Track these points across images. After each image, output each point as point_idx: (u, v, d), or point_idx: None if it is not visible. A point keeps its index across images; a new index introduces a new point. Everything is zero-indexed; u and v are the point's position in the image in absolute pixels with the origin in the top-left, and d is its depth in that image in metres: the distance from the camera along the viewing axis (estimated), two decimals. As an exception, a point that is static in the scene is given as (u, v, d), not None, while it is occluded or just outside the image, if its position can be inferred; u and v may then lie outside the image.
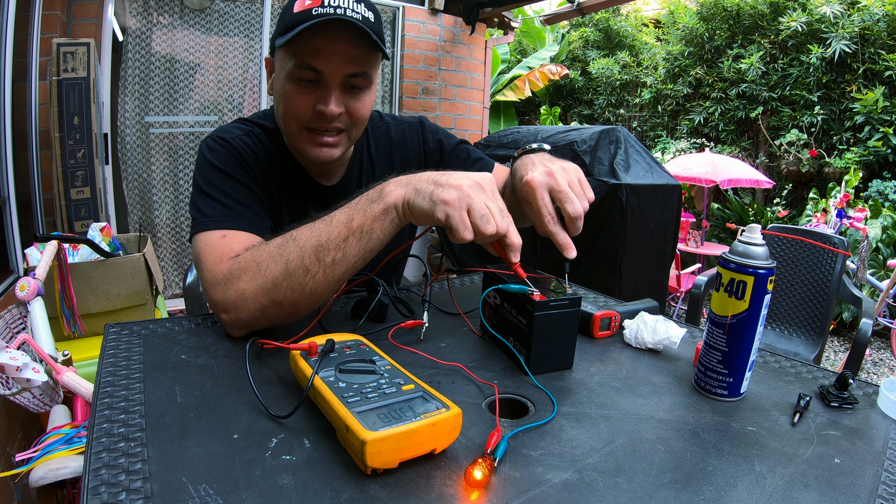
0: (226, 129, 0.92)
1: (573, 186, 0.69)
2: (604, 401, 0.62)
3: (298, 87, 0.82)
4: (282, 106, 0.85)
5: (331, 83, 0.82)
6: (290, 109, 0.84)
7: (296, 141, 0.88)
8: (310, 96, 0.82)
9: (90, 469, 0.45)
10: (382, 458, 0.44)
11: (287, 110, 0.85)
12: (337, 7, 0.77)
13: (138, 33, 3.09)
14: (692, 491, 0.46)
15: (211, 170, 0.85)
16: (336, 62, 0.80)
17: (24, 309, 1.34)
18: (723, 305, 0.62)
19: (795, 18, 5.30)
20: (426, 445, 0.47)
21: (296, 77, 0.81)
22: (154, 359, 0.66)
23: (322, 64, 0.79)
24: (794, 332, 2.30)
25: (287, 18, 0.79)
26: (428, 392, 0.51)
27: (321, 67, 0.80)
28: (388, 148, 1.07)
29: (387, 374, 0.54)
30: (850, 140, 5.12)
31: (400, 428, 0.45)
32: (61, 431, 1.00)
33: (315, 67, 0.80)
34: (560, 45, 7.79)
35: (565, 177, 0.69)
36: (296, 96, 0.82)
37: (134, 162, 3.21)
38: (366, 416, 0.46)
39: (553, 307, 0.66)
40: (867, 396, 0.67)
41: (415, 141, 1.09)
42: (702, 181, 4.52)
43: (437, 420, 0.47)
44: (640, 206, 2.32)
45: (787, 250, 2.33)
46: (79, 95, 2.44)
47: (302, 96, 0.82)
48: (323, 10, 0.76)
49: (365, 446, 0.43)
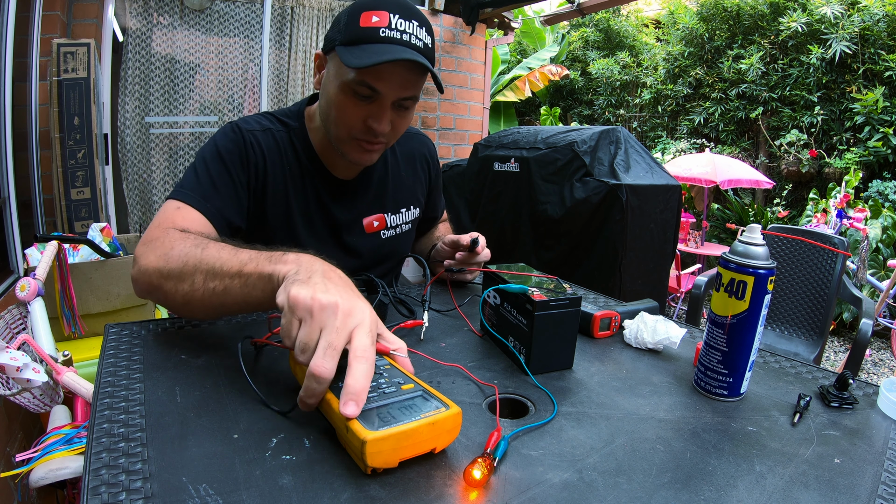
0: (246, 120, 0.94)
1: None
2: (604, 401, 0.62)
3: (353, 100, 0.84)
4: (333, 112, 0.87)
5: (385, 103, 0.84)
6: (342, 118, 0.86)
7: (342, 145, 0.90)
8: (362, 110, 0.85)
9: (90, 469, 0.45)
10: (382, 458, 0.44)
11: (339, 119, 0.86)
12: (403, 32, 0.80)
13: (138, 34, 3.09)
14: (692, 491, 0.46)
15: (211, 148, 0.89)
16: (393, 86, 0.82)
17: (25, 309, 1.34)
18: (723, 305, 0.62)
19: (795, 19, 5.30)
20: (426, 445, 0.47)
21: (352, 90, 0.82)
22: (154, 359, 0.66)
23: (381, 86, 0.82)
24: (794, 332, 2.30)
25: (352, 29, 0.80)
26: (427, 391, 0.51)
27: (380, 89, 0.82)
28: (409, 150, 1.13)
29: (386, 374, 0.54)
30: (850, 140, 5.12)
31: (400, 427, 0.45)
32: (61, 432, 1.00)
33: (374, 87, 0.82)
34: (560, 45, 7.79)
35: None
36: (349, 108, 0.85)
37: (134, 162, 3.20)
38: (365, 416, 0.46)
39: (553, 307, 0.66)
40: (867, 397, 0.67)
41: (432, 153, 1.18)
42: (702, 181, 4.53)
43: (437, 419, 0.47)
44: (640, 207, 2.32)
45: (787, 250, 2.33)
46: (79, 96, 2.44)
47: (355, 109, 0.84)
48: (391, 32, 0.79)
49: (365, 446, 0.43)
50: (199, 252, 0.68)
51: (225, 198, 0.86)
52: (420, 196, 1.15)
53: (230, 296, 0.64)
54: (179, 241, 0.71)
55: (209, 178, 0.85)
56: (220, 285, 0.64)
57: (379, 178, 1.05)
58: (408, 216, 1.11)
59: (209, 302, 0.66)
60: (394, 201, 1.08)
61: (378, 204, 1.05)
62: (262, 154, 0.91)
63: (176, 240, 0.71)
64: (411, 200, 1.12)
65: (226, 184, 0.87)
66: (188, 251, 0.68)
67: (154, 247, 0.72)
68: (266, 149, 0.92)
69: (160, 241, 0.73)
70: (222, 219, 0.85)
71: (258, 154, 0.90)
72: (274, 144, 0.93)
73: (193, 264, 0.67)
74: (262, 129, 0.93)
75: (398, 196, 1.09)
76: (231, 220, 0.87)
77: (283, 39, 3.51)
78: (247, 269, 0.62)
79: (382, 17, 0.79)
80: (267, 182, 0.92)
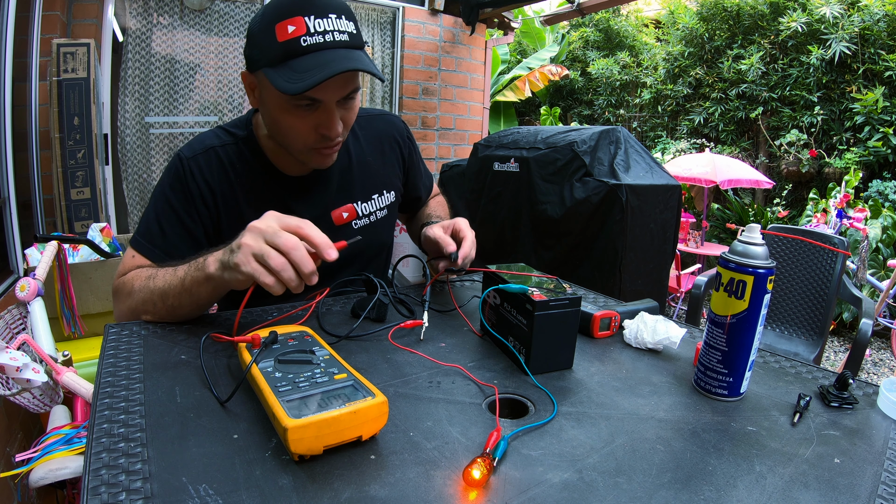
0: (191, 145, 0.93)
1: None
2: (604, 401, 0.62)
3: (297, 113, 0.82)
4: (280, 130, 0.86)
5: (329, 107, 0.82)
6: (291, 134, 0.85)
7: (301, 156, 0.89)
8: (308, 120, 0.83)
9: (90, 469, 0.45)
10: (306, 445, 0.46)
11: (288, 135, 0.85)
12: (325, 32, 0.76)
13: (138, 34, 3.09)
14: (692, 491, 0.46)
15: (160, 190, 0.92)
16: (334, 90, 0.80)
17: (24, 309, 1.34)
18: (723, 305, 0.62)
19: (795, 19, 5.30)
20: (351, 432, 0.48)
21: (293, 105, 0.81)
22: (154, 359, 0.66)
23: (322, 95, 0.80)
24: (794, 332, 2.30)
25: (271, 47, 0.77)
26: (359, 381, 0.53)
27: (319, 97, 0.80)
28: (375, 133, 1.09)
29: (323, 364, 0.56)
30: (850, 140, 5.12)
31: (322, 415, 0.47)
32: (61, 432, 1.00)
33: (314, 98, 0.80)
34: (560, 45, 7.79)
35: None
36: (296, 122, 0.83)
37: (134, 162, 3.20)
38: (293, 405, 0.49)
39: (553, 307, 0.66)
40: (867, 396, 0.67)
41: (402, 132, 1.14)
42: (702, 181, 4.53)
43: (360, 408, 0.48)
44: (640, 207, 2.32)
45: (787, 250, 2.33)
46: (79, 96, 2.44)
47: (301, 121, 0.83)
48: (312, 38, 0.76)
49: (287, 433, 0.45)
50: (150, 284, 0.81)
51: (171, 237, 0.89)
52: (394, 179, 1.11)
53: (185, 305, 0.78)
54: (137, 281, 0.84)
55: (157, 223, 0.90)
56: (176, 301, 0.78)
57: (341, 168, 1.02)
58: (381, 202, 1.07)
59: (175, 313, 0.80)
60: (362, 189, 1.04)
61: (345, 194, 1.02)
62: (203, 180, 0.90)
63: (135, 281, 0.84)
64: (383, 185, 1.08)
65: (172, 224, 0.89)
66: (143, 286, 0.82)
67: (116, 294, 0.88)
68: (207, 172, 0.91)
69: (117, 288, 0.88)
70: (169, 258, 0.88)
71: (200, 182, 0.90)
72: (217, 163, 0.92)
73: (148, 295, 0.80)
74: (203, 150, 0.92)
75: (367, 183, 1.05)
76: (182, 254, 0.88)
77: (283, 39, 3.51)
78: (186, 283, 0.76)
79: (298, 24, 0.75)
80: (217, 202, 0.92)
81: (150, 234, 0.89)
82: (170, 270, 0.80)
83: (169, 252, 0.88)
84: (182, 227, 0.90)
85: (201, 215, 0.91)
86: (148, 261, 0.88)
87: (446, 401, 0.60)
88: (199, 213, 0.91)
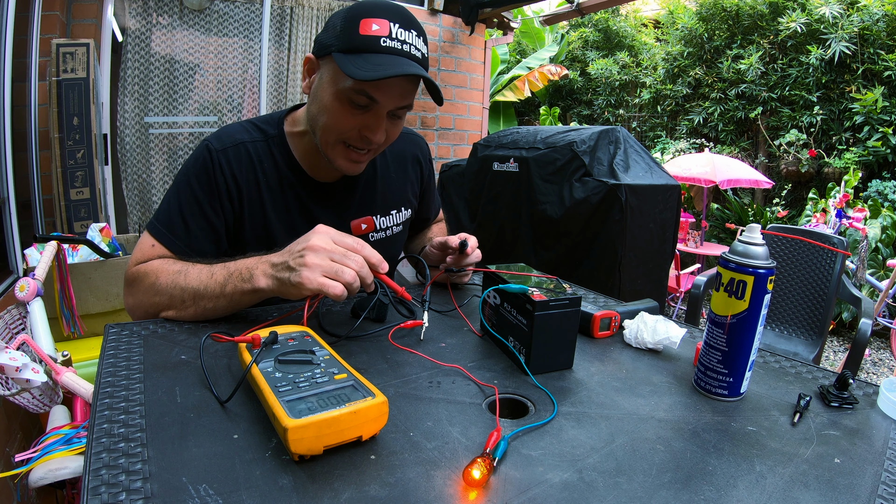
0: (219, 137, 0.92)
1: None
2: (604, 401, 0.62)
3: (348, 108, 0.83)
4: (324, 118, 0.85)
5: (381, 113, 0.84)
6: (334, 125, 0.85)
7: (329, 150, 0.89)
8: (357, 118, 0.84)
9: (90, 469, 0.44)
10: (306, 445, 0.46)
11: (330, 124, 0.85)
12: (404, 42, 0.79)
13: (138, 34, 3.08)
14: (692, 491, 0.46)
15: (184, 178, 0.90)
16: (392, 97, 0.82)
17: (24, 309, 1.34)
18: (723, 305, 0.62)
19: (795, 19, 5.31)
20: (351, 432, 0.48)
21: (348, 98, 0.81)
22: (154, 359, 0.66)
23: (380, 96, 0.81)
24: (793, 332, 2.30)
25: (351, 36, 0.79)
26: (359, 381, 0.53)
27: (378, 99, 0.81)
28: (400, 150, 1.10)
29: (323, 365, 0.56)
30: (850, 140, 5.12)
31: (322, 415, 0.47)
32: (61, 432, 1.00)
33: (373, 97, 0.81)
34: (559, 45, 7.79)
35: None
36: (344, 115, 0.84)
37: (133, 162, 3.20)
38: (293, 405, 0.49)
39: (553, 307, 0.66)
40: (867, 396, 0.67)
41: (425, 153, 1.16)
42: (701, 181, 4.53)
43: (360, 408, 0.48)
44: (640, 207, 2.32)
45: (786, 250, 2.33)
46: (78, 96, 2.44)
47: (350, 117, 0.84)
48: (392, 42, 0.78)
49: (287, 433, 0.45)
50: (181, 281, 0.79)
51: (194, 231, 0.88)
52: (412, 197, 1.14)
53: (220, 309, 0.78)
54: (163, 276, 0.81)
55: (180, 214, 0.88)
56: (211, 304, 0.78)
57: (366, 179, 1.03)
58: (398, 218, 1.10)
59: (207, 315, 0.80)
60: (383, 203, 1.06)
61: (366, 206, 1.04)
62: (231, 174, 0.90)
63: (159, 274, 0.82)
64: (402, 202, 1.10)
65: (195, 216, 0.88)
66: (172, 282, 0.80)
67: (135, 284, 0.85)
68: (236, 167, 0.91)
69: (139, 277, 0.84)
70: (192, 252, 0.88)
71: (227, 176, 0.90)
72: (246, 158, 0.92)
73: (179, 293, 0.79)
74: (233, 144, 0.91)
75: (387, 198, 1.07)
76: (203, 249, 0.89)
77: (283, 39, 3.51)
78: (227, 289, 0.76)
79: (383, 25, 0.78)
80: (242, 198, 0.92)
81: (172, 224, 0.88)
82: (203, 270, 0.80)
83: (191, 245, 0.88)
84: (205, 220, 0.89)
85: (224, 210, 0.91)
86: (169, 252, 0.87)
87: (446, 401, 0.60)
88: (223, 207, 0.90)
